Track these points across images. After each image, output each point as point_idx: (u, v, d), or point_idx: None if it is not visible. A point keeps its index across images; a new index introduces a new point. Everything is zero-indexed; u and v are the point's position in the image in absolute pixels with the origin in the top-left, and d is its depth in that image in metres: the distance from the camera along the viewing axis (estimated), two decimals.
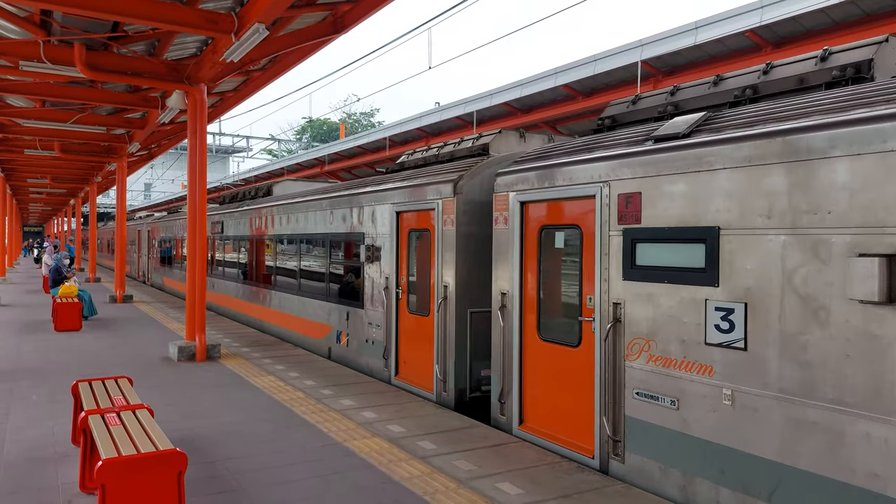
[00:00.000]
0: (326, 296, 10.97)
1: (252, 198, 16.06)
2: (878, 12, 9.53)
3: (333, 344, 10.63)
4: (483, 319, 7.63)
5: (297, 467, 5.58)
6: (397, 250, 8.76)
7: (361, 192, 9.80)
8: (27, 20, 9.07)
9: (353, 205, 9.98)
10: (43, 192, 37.55)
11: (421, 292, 8.33)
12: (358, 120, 68.81)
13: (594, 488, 5.13)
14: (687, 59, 12.17)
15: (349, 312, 10.09)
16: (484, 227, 7.69)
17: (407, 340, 8.61)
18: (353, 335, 9.93)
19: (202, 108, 10.73)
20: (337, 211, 10.54)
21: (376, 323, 9.22)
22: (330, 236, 10.77)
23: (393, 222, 8.81)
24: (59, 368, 9.61)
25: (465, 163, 8.08)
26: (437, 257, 7.82)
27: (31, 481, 5.21)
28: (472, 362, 7.66)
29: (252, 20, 7.92)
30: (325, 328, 10.96)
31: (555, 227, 6.25)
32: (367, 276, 9.47)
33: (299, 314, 12.12)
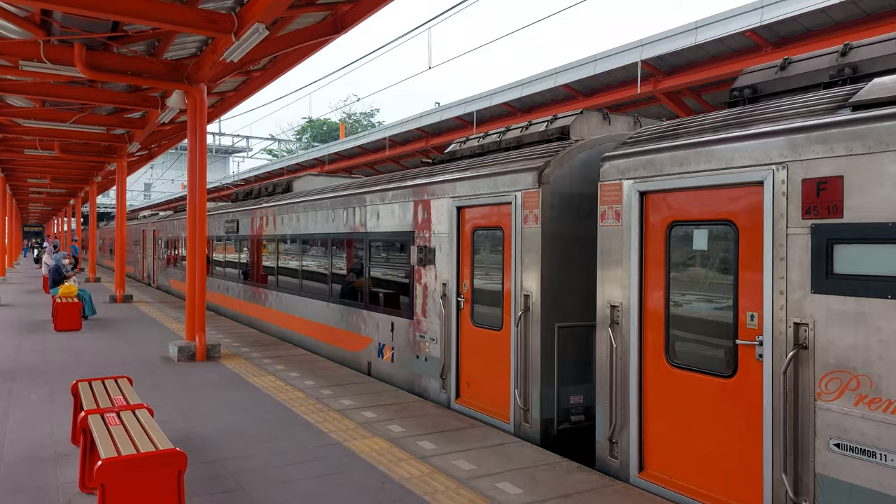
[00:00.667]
0: (365, 303, 9.75)
1: (269, 194, 14.91)
2: (879, 12, 9.53)
3: (374, 358, 9.43)
4: (573, 336, 6.52)
5: (296, 467, 5.58)
6: (458, 252, 7.61)
7: (409, 185, 8.62)
8: (27, 20, 9.07)
9: (398, 200, 8.83)
10: (43, 191, 37.57)
11: (490, 302, 7.19)
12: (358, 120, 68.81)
13: (594, 488, 5.13)
14: (687, 59, 12.16)
15: (394, 323, 8.90)
16: (576, 225, 6.56)
17: (472, 358, 7.41)
18: (400, 349, 8.74)
19: (202, 108, 10.72)
20: (377, 207, 9.38)
21: (430, 336, 8.05)
22: (369, 236, 9.59)
23: (452, 219, 7.65)
24: (59, 368, 9.60)
25: (540, 149, 6.91)
26: (515, 260, 6.66)
27: (31, 481, 5.21)
28: (559, 387, 6.48)
29: (252, 20, 7.93)
30: (364, 340, 9.74)
31: (693, 223, 5.00)
32: (417, 281, 8.33)
33: (331, 323, 10.90)
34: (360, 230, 9.89)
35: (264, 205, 14.23)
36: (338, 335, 10.64)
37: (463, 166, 7.85)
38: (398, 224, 8.86)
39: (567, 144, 6.67)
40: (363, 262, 9.81)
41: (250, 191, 16.57)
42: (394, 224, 8.97)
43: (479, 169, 7.43)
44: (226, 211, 17.11)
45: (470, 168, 7.63)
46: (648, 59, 12.37)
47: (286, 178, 14.40)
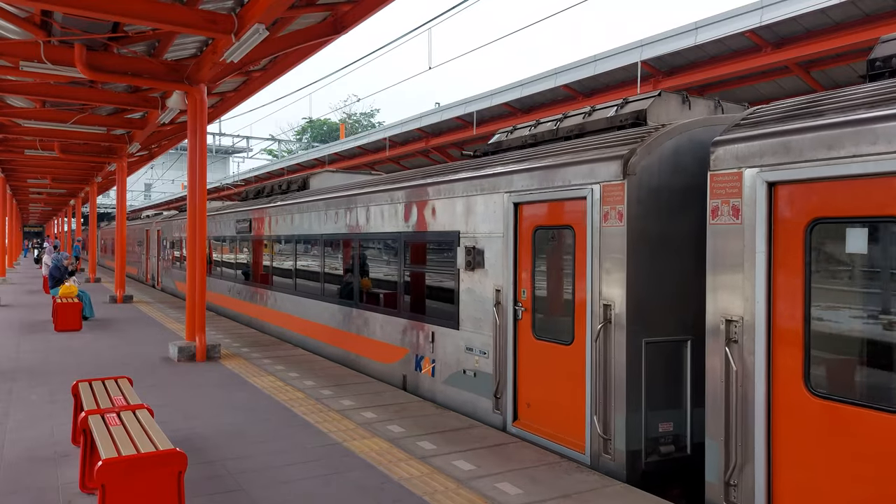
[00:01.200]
0: (398, 310, 8.87)
1: (284, 192, 14.07)
2: (878, 13, 9.54)
3: (411, 371, 8.53)
4: (662, 352, 5.62)
5: (296, 467, 5.59)
6: (515, 254, 6.73)
7: (453, 179, 7.75)
8: (27, 21, 9.08)
9: (439, 196, 7.96)
10: (43, 192, 37.60)
11: (557, 312, 6.31)
12: (358, 120, 68.84)
13: (593, 488, 5.14)
14: (687, 60, 12.17)
15: (434, 333, 8.03)
16: (664, 223, 5.68)
17: (533, 376, 6.53)
18: (442, 363, 7.85)
19: (202, 109, 10.73)
20: (413, 204, 8.52)
21: (480, 349, 7.19)
22: (404, 236, 8.68)
23: (508, 217, 6.78)
24: (59, 368, 9.61)
25: (611, 137, 6.08)
26: (592, 265, 5.78)
27: (31, 481, 5.22)
28: (647, 413, 5.57)
29: (252, 20, 7.94)
30: (399, 351, 8.84)
31: (844, 220, 4.05)
32: (464, 287, 7.46)
33: (360, 332, 9.93)
34: (392, 230, 9.02)
35: (280, 203, 13.34)
36: (366, 345, 9.74)
37: (519, 157, 6.92)
38: (439, 223, 7.96)
39: (649, 130, 5.78)
40: (396, 265, 8.96)
41: (262, 188, 15.80)
42: (434, 223, 8.08)
43: (541, 160, 6.51)
44: (238, 210, 16.15)
45: (528, 159, 6.68)
46: (648, 59, 12.38)
47: (302, 175, 13.65)
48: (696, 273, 5.57)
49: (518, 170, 6.75)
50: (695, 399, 5.63)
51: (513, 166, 6.87)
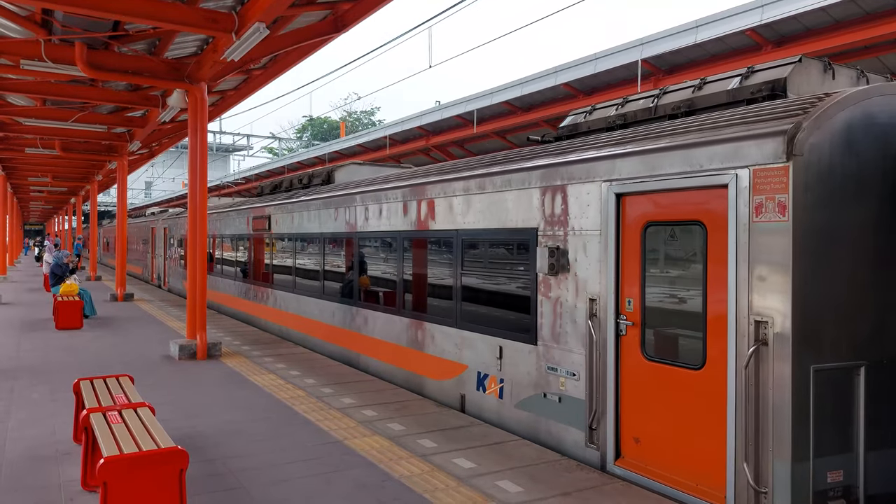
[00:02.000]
0: (455, 320, 7.72)
1: (305, 186, 13.04)
2: (879, 11, 9.54)
3: (471, 391, 7.41)
4: (830, 381, 4.55)
5: (297, 465, 5.60)
6: (617, 256, 5.62)
7: (528, 167, 6.62)
8: (28, 19, 9.09)
9: (509, 187, 6.86)
10: (44, 190, 37.63)
11: (680, 327, 5.22)
12: (358, 118, 68.84)
13: (594, 486, 5.15)
14: (687, 58, 12.17)
15: (503, 348, 6.93)
16: (841, 216, 4.58)
17: (643, 405, 5.42)
18: (514, 383, 6.75)
19: (203, 107, 10.74)
20: (473, 198, 7.42)
21: (567, 369, 6.09)
22: (462, 235, 7.59)
23: (608, 211, 5.67)
24: (60, 367, 9.63)
25: (740, 112, 5.01)
26: (736, 270, 4.66)
27: (33, 479, 5.24)
28: (815, 459, 4.54)
29: (252, 19, 7.94)
30: (454, 367, 7.71)
31: None
32: (544, 294, 6.39)
33: (404, 343, 8.79)
34: (446, 227, 7.90)
35: (303, 198, 12.23)
36: (414, 358, 8.55)
37: (617, 139, 5.81)
38: (509, 219, 6.88)
39: (807, 102, 4.68)
40: (451, 268, 7.82)
41: (279, 183, 14.72)
42: (502, 219, 6.97)
43: (655, 140, 5.39)
44: (253, 206, 14.98)
45: (635, 140, 5.59)
46: (649, 57, 12.38)
47: (326, 168, 12.64)
48: (871, 280, 4.61)
49: (623, 153, 5.56)
50: (869, 440, 4.60)
51: (614, 149, 5.66)
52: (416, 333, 8.53)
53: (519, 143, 18.52)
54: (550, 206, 6.37)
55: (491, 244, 7.26)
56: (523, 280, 6.73)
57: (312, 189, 12.31)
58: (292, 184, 13.77)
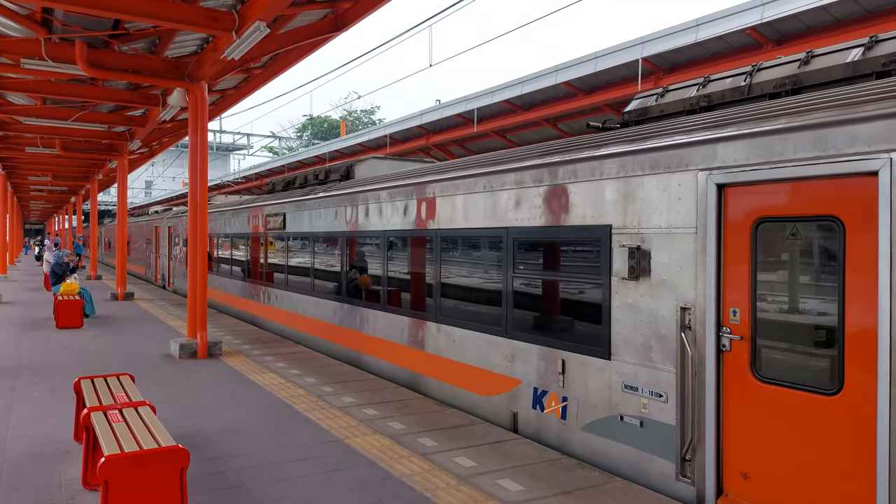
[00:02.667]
0: (506, 328, 6.92)
1: (322, 182, 12.34)
2: (879, 9, 9.53)
3: (525, 409, 6.60)
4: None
5: (297, 464, 5.60)
6: (719, 258, 4.82)
7: (600, 156, 5.79)
8: (28, 18, 9.09)
9: (575, 179, 6.04)
10: (44, 189, 37.62)
11: (803, 343, 4.46)
12: (359, 117, 68.84)
13: (595, 485, 5.15)
14: (688, 57, 12.17)
15: (568, 362, 6.12)
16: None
17: (753, 434, 4.65)
18: (581, 402, 5.94)
19: (203, 106, 10.74)
20: (532, 191, 6.55)
21: (650, 388, 5.29)
22: (514, 233, 6.81)
23: (707, 205, 4.86)
24: (61, 365, 9.63)
25: (868, 88, 4.27)
26: (890, 275, 3.92)
27: (34, 478, 5.24)
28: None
29: (253, 18, 7.94)
30: (504, 382, 6.91)
31: None
32: (621, 301, 5.56)
33: (444, 354, 7.95)
34: (494, 225, 7.10)
35: (322, 194, 11.33)
36: (455, 370, 7.71)
37: (713, 120, 5.04)
38: (576, 215, 6.06)
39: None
40: (500, 270, 7.04)
41: (292, 179, 14.04)
42: (565, 215, 6.19)
43: (771, 120, 4.56)
44: (265, 203, 14.15)
45: (742, 121, 4.79)
46: (649, 56, 12.38)
47: (345, 163, 12.00)
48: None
49: (727, 136, 4.77)
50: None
51: (714, 132, 4.88)
52: (455, 343, 7.72)
53: (519, 143, 18.52)
54: (629, 199, 5.52)
55: (550, 244, 6.42)
56: (592, 285, 5.89)
57: (331, 185, 11.50)
58: (307, 180, 13.08)
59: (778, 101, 4.92)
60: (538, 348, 6.48)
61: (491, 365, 7.10)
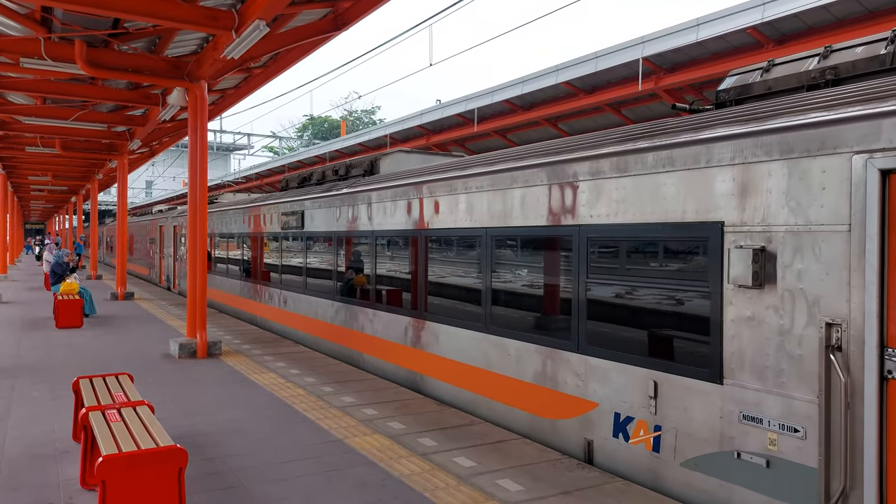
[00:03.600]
0: (576, 341, 6.01)
1: (343, 177, 11.52)
2: (880, 9, 9.52)
3: (603, 437, 5.68)
4: None
5: (297, 464, 5.59)
6: (882, 262, 3.95)
7: (705, 139, 4.90)
8: (28, 17, 9.07)
9: (671, 167, 5.14)
10: (44, 189, 37.64)
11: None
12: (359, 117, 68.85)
13: (595, 485, 5.13)
14: (689, 56, 12.15)
15: (661, 384, 5.21)
16: None
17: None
18: (682, 433, 5.03)
19: (203, 106, 10.73)
20: (613, 183, 5.64)
21: (780, 420, 4.41)
22: (588, 231, 5.89)
23: (864, 196, 4.00)
24: (60, 365, 9.62)
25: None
26: None
27: (32, 478, 5.22)
28: None
29: (253, 17, 7.93)
30: (574, 403, 6.00)
31: None
32: (738, 314, 4.67)
33: (494, 368, 7.07)
34: (562, 223, 6.19)
35: (345, 191, 10.47)
36: (510, 388, 6.81)
37: (864, 93, 4.16)
38: (673, 209, 5.14)
39: None
40: (572, 275, 6.09)
41: (308, 175, 13.24)
42: (657, 210, 5.26)
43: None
44: (278, 201, 13.30)
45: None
46: (650, 56, 12.36)
47: (368, 157, 11.12)
48: None
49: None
50: None
51: (879, 105, 3.96)
52: (511, 358, 6.82)
53: (519, 143, 18.50)
54: (749, 191, 4.60)
55: (636, 243, 5.52)
56: (694, 293, 5.00)
57: (355, 181, 10.61)
58: (325, 176, 12.31)
59: (881, 77, 4.27)
60: (621, 367, 5.55)
61: (557, 383, 6.21)
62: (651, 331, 5.39)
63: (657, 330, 5.34)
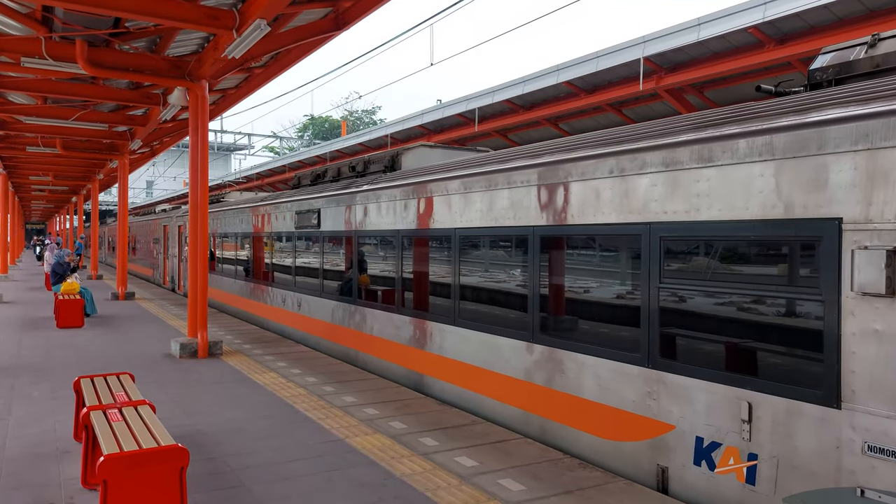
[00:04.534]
0: (646, 355, 5.33)
1: (360, 174, 10.96)
2: (881, 8, 9.50)
3: (680, 464, 5.03)
4: None
5: (298, 464, 5.58)
6: None
7: (817, 121, 4.23)
8: (29, 17, 9.07)
9: (772, 154, 4.45)
10: (45, 189, 37.64)
11: None
12: (360, 117, 68.84)
13: (597, 485, 5.12)
14: (690, 56, 12.13)
15: (756, 406, 4.53)
16: None
17: None
18: (783, 463, 4.36)
19: (203, 105, 10.73)
20: (691, 174, 4.99)
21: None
22: (659, 229, 5.23)
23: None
24: (61, 365, 9.61)
25: None
26: None
27: (34, 477, 5.22)
28: None
29: (253, 16, 7.92)
30: (644, 424, 5.34)
31: None
32: (861, 326, 4.03)
33: (540, 381, 6.42)
34: (628, 220, 5.50)
35: (366, 188, 9.84)
36: (566, 406, 6.11)
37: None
38: (768, 204, 4.46)
39: None
40: (642, 279, 5.40)
41: (322, 172, 12.63)
42: (749, 204, 4.58)
43: None
44: (291, 199, 12.68)
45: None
46: (651, 55, 12.34)
47: (389, 152, 10.55)
48: None
49: None
50: None
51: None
52: (566, 372, 6.11)
53: (520, 143, 18.50)
54: (878, 182, 3.92)
55: (724, 243, 4.85)
56: (802, 300, 4.36)
57: (377, 177, 10.00)
58: (340, 172, 11.71)
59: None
60: (705, 384, 4.86)
61: (622, 402, 5.53)
62: (744, 345, 4.72)
63: (752, 344, 4.68)
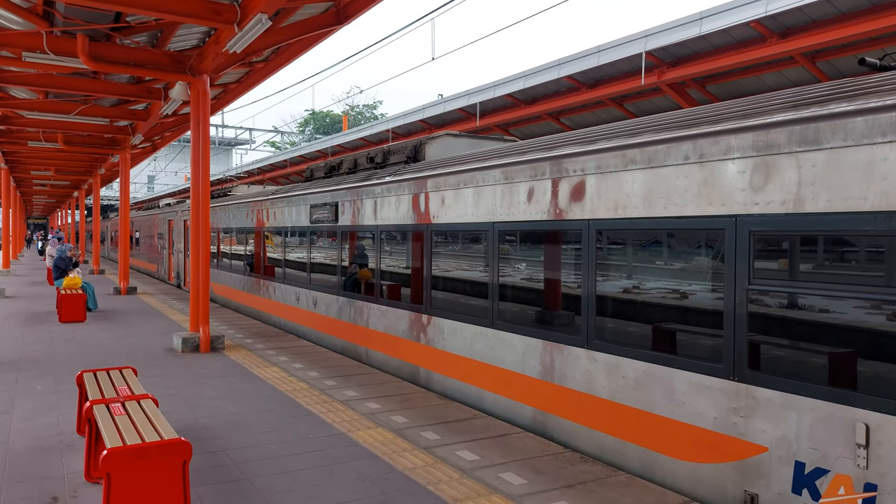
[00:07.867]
0: (731, 365, 4.70)
1: (380, 165, 10.39)
2: (884, 2, 9.46)
3: (775, 491, 4.41)
4: None
5: (300, 457, 5.60)
6: None
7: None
8: (30, 11, 9.06)
9: (893, 136, 3.89)
10: (47, 184, 37.63)
11: None
12: (361, 112, 68.77)
13: (598, 478, 5.14)
14: (691, 50, 12.10)
15: (876, 429, 3.92)
16: None
17: None
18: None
19: (205, 100, 10.72)
20: (785, 160, 4.38)
21: None
22: (749, 222, 4.60)
23: None
24: (64, 359, 9.64)
25: None
26: None
27: (37, 470, 5.25)
28: None
29: (255, 10, 7.91)
30: (729, 445, 4.71)
31: None
32: None
33: (604, 394, 5.75)
34: (708, 213, 4.88)
35: (389, 180, 9.32)
36: (629, 421, 5.50)
37: None
38: (890, 194, 3.88)
39: None
40: (725, 279, 4.76)
41: (338, 163, 12.10)
42: (865, 195, 3.99)
43: None
44: (306, 192, 12.20)
45: None
46: (652, 49, 12.31)
47: (412, 142, 9.95)
48: None
49: None
50: None
51: None
52: (627, 383, 5.51)
53: (522, 137, 18.47)
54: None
55: (834, 238, 4.23)
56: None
57: (399, 169, 9.42)
58: (357, 164, 11.17)
59: None
60: (808, 402, 4.23)
61: (700, 418, 4.90)
62: (858, 358, 4.06)
63: (868, 358, 4.04)
